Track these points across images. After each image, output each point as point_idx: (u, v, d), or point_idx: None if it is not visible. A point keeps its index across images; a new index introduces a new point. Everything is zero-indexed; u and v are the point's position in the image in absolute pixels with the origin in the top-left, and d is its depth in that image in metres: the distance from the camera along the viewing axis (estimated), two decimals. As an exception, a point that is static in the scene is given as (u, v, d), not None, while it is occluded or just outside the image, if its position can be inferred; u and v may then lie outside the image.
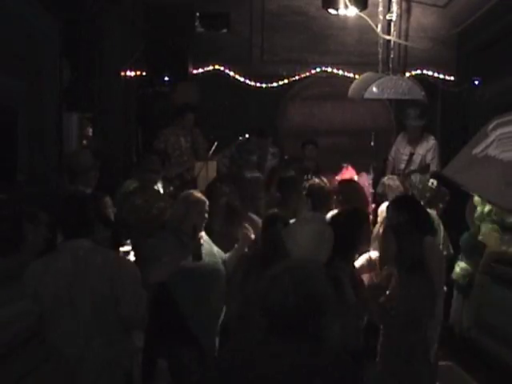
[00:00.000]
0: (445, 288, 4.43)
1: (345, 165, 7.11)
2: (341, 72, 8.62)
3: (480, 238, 6.08)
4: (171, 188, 6.28)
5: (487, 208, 6.02)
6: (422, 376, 3.80)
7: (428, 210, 4.84)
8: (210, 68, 8.40)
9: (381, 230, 4.61)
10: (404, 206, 4.19)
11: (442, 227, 5.62)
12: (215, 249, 4.55)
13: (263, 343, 2.28)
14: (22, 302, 3.38)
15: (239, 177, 6.08)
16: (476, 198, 6.13)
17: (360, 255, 4.45)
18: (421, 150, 7.45)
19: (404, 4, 8.65)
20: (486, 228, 6.07)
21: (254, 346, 2.31)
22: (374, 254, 4.50)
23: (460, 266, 6.16)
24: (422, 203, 4.96)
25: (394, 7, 8.03)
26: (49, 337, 3.36)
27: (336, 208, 5.05)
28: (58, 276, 3.33)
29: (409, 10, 8.73)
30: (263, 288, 2.33)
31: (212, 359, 3.78)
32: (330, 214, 4.87)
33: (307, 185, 5.35)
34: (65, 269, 3.34)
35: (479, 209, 6.15)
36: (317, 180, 5.48)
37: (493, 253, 5.92)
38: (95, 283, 3.33)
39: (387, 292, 3.80)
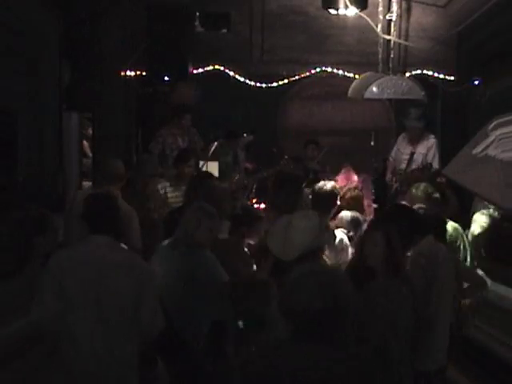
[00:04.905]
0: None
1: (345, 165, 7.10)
2: (341, 72, 8.62)
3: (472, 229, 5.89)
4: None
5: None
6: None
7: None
8: (210, 68, 8.39)
9: None
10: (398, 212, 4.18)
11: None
12: None
13: (288, 345, 2.31)
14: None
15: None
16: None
17: None
18: (422, 149, 7.40)
19: (404, 4, 8.64)
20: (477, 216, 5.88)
21: (278, 348, 2.34)
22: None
23: None
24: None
25: (394, 7, 8.05)
26: (67, 335, 3.23)
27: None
28: (83, 268, 3.24)
29: (409, 10, 8.72)
30: (287, 291, 2.34)
31: (238, 363, 3.76)
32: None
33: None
34: (89, 262, 3.26)
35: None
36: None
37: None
38: (118, 281, 3.23)
39: None
